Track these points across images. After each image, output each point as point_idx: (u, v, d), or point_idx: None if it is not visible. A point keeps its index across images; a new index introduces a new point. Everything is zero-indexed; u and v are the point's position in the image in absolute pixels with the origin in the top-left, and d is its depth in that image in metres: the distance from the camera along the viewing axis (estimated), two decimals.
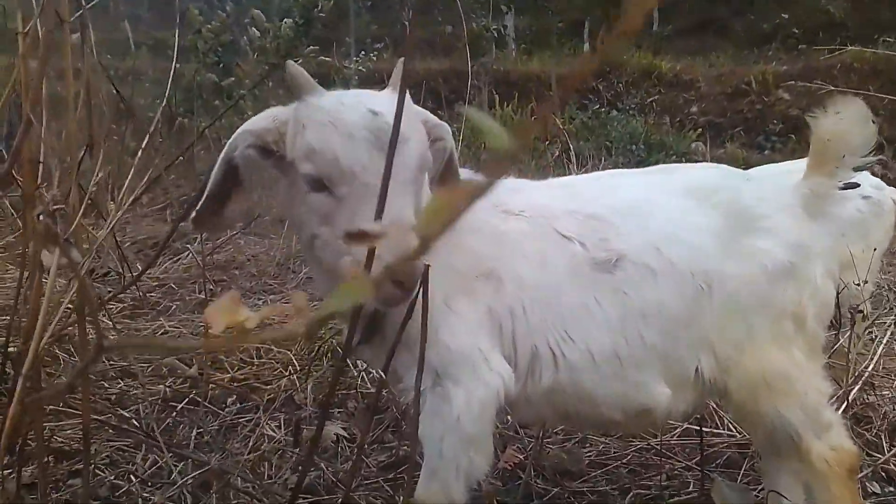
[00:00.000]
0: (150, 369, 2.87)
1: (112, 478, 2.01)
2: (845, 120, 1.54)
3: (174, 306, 3.70)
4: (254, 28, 6.43)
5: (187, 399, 2.53)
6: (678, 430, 2.28)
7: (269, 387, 2.68)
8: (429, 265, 1.29)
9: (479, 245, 1.52)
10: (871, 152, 1.57)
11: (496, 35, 12.35)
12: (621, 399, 1.53)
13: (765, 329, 1.51)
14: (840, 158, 1.57)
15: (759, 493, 1.90)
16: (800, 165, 1.73)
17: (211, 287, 3.92)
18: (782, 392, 1.50)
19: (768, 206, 1.58)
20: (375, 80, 14.58)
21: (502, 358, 1.48)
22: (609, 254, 1.52)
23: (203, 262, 3.89)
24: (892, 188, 3.01)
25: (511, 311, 1.49)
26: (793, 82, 11.07)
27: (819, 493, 1.55)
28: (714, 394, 1.59)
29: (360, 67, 12.43)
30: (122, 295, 3.83)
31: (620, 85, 12.35)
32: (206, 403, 2.50)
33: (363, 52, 12.66)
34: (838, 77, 11.02)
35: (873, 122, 1.54)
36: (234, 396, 2.61)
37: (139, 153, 5.41)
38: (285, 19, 6.32)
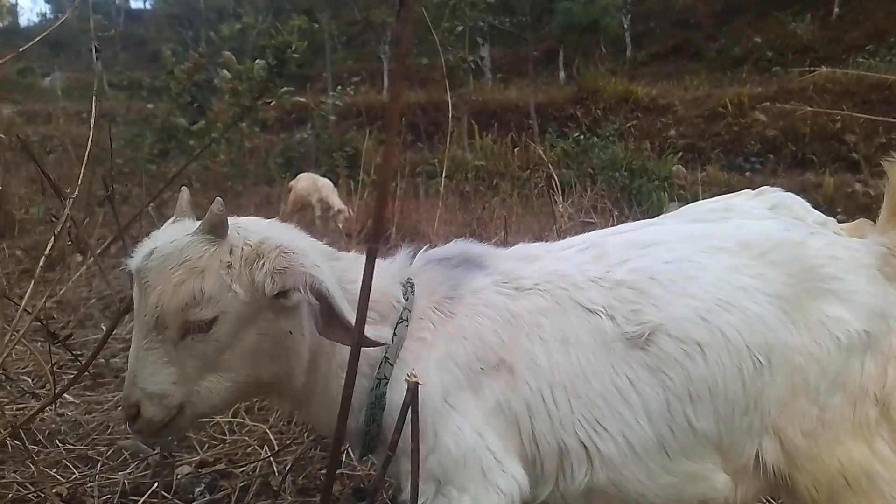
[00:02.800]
0: (109, 453, 2.60)
1: None
2: None
3: None
4: (225, 70, 6.26)
5: (150, 492, 2.25)
6: None
7: (241, 469, 2.41)
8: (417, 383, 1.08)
9: (484, 331, 1.33)
10: None
11: (473, 66, 12.34)
12: (674, 494, 1.30)
13: (841, 414, 1.26)
14: None
15: None
16: (734, 201, 1.49)
17: None
18: (865, 495, 1.25)
19: (840, 266, 1.32)
20: (352, 114, 14.56)
21: (517, 460, 1.29)
22: (641, 328, 1.29)
23: None
24: (832, 220, 2.78)
25: (528, 406, 1.30)
26: (768, 104, 11.16)
27: None
28: (780, 487, 1.33)
29: (336, 102, 12.36)
30: (83, 358, 3.58)
31: (598, 111, 12.38)
32: (172, 498, 2.22)
33: (339, 87, 12.60)
34: (812, 97, 11.14)
35: None
36: (203, 486, 2.33)
37: (105, 200, 5.14)
38: (258, 60, 6.15)
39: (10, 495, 2.16)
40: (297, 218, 6.78)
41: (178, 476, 2.37)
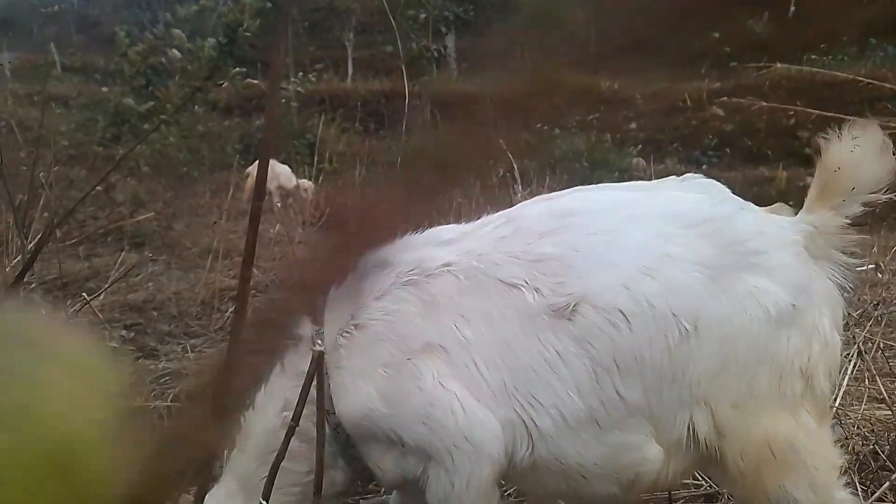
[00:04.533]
0: None
1: None
2: (861, 148, 1.31)
3: None
4: (174, 49, 6.07)
5: None
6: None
7: None
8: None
9: (399, 326, 1.33)
10: (884, 189, 1.34)
11: (436, 55, 12.27)
12: (611, 467, 1.30)
13: (768, 386, 1.26)
14: (849, 192, 1.33)
15: None
16: (663, 185, 1.47)
17: (122, 334, 3.54)
18: (789, 465, 1.25)
19: (768, 241, 1.32)
20: (315, 102, 14.34)
21: (491, 416, 1.28)
22: (567, 299, 1.28)
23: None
24: (750, 205, 2.87)
25: (468, 381, 1.29)
26: (725, 98, 11.39)
27: None
28: (710, 460, 1.33)
29: (297, 88, 12.16)
30: None
31: (561, 104, 12.42)
32: None
33: (301, 73, 12.39)
34: (768, 93, 11.40)
35: (894, 153, 1.35)
36: None
37: (46, 184, 4.97)
38: (208, 39, 5.97)
39: None
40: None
41: None
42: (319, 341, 1.17)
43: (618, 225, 1.35)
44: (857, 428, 2.20)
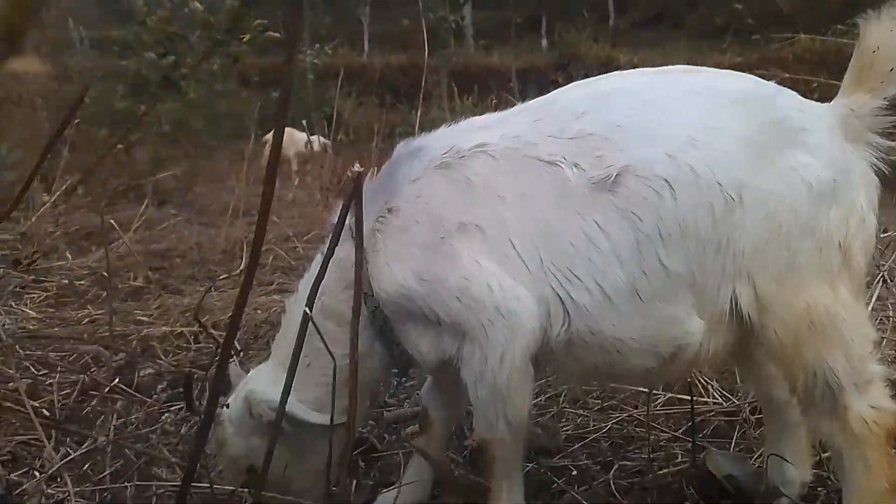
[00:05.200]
0: (71, 358, 2.55)
1: (11, 475, 1.70)
2: None
3: (104, 294, 3.36)
4: (196, 1, 6.08)
5: (109, 388, 2.21)
6: (661, 399, 2.08)
7: (207, 373, 2.38)
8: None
9: (433, 207, 1.35)
10: None
11: (454, 27, 12.17)
12: (650, 340, 1.31)
13: (809, 259, 1.27)
14: (887, 73, 1.30)
15: (752, 462, 1.71)
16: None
17: (147, 274, 3.60)
18: (828, 337, 1.26)
19: (808, 120, 1.31)
20: (331, 75, 14.28)
21: (527, 293, 1.30)
22: (608, 170, 1.28)
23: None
24: None
25: (503, 259, 1.31)
26: (746, 72, 11.21)
27: (852, 460, 1.28)
28: (749, 335, 1.33)
29: (314, 60, 12.14)
30: (48, 283, 3.51)
31: (580, 78, 12.30)
32: (132, 391, 2.19)
33: (318, 46, 12.37)
34: (791, 66, 11.20)
35: None
36: (165, 384, 2.31)
37: (66, 146, 5.02)
38: None
39: None
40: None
41: (141, 375, 2.34)
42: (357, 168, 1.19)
43: (660, 101, 1.34)
44: (882, 353, 2.19)
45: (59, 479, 1.71)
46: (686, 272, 1.28)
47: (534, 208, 1.31)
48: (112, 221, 3.85)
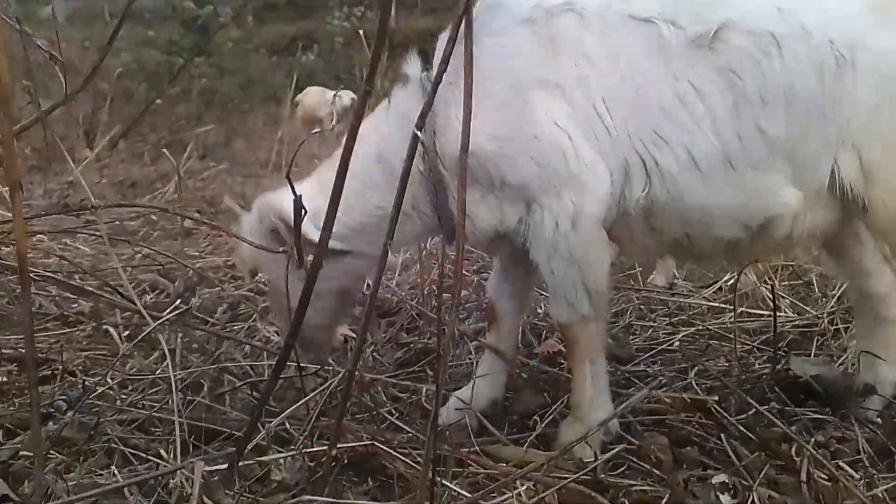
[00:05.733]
0: (132, 285, 2.57)
1: (86, 382, 1.72)
2: None
3: (155, 234, 3.39)
4: None
5: (171, 309, 2.22)
6: (732, 315, 2.01)
7: (263, 296, 2.38)
8: None
9: (514, 62, 1.27)
10: None
11: None
12: (739, 210, 1.23)
13: None
14: None
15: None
16: None
17: (198, 212, 3.62)
18: None
19: None
20: (358, 39, 14.16)
21: (599, 158, 1.24)
22: (708, 26, 1.19)
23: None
24: None
25: (584, 120, 1.24)
26: None
27: None
28: (852, 212, 1.26)
29: (343, 23, 11.98)
30: (100, 224, 3.54)
31: None
32: (195, 312, 2.20)
33: (346, 8, 12.21)
34: None
35: None
36: (226, 306, 2.31)
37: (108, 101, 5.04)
38: None
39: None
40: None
41: (201, 299, 2.35)
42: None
43: None
44: None
45: (129, 388, 1.73)
46: (786, 139, 1.21)
47: (624, 68, 1.24)
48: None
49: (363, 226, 1.35)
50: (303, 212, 1.17)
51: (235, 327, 2.15)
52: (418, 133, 1.07)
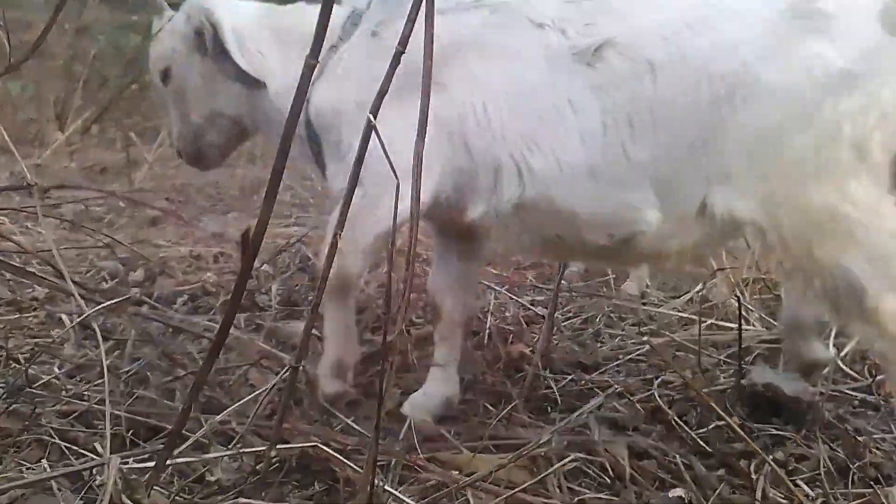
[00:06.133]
0: (88, 274, 2.49)
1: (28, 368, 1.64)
2: None
3: (122, 221, 3.30)
4: None
5: (127, 297, 2.15)
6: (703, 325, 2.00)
7: (226, 289, 2.31)
8: None
9: (412, 47, 1.26)
10: None
11: None
12: (603, 220, 1.27)
13: (809, 154, 1.14)
14: None
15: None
16: None
17: (164, 205, 3.54)
18: (838, 237, 1.15)
19: (840, 6, 1.19)
20: None
21: (437, 172, 1.30)
22: (591, 41, 1.20)
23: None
24: None
25: (460, 118, 1.28)
26: None
27: (893, 362, 1.19)
28: (731, 235, 1.28)
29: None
30: (68, 204, 3.45)
31: None
32: (153, 301, 2.13)
33: None
34: None
35: None
36: (186, 297, 2.25)
37: (81, 84, 4.92)
38: None
39: None
40: None
41: (161, 290, 2.28)
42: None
43: None
44: None
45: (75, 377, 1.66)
46: (651, 163, 1.21)
47: (511, 70, 1.27)
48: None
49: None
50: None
51: (194, 319, 2.09)
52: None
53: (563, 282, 2.34)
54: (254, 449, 1.06)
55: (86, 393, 1.54)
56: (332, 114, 1.39)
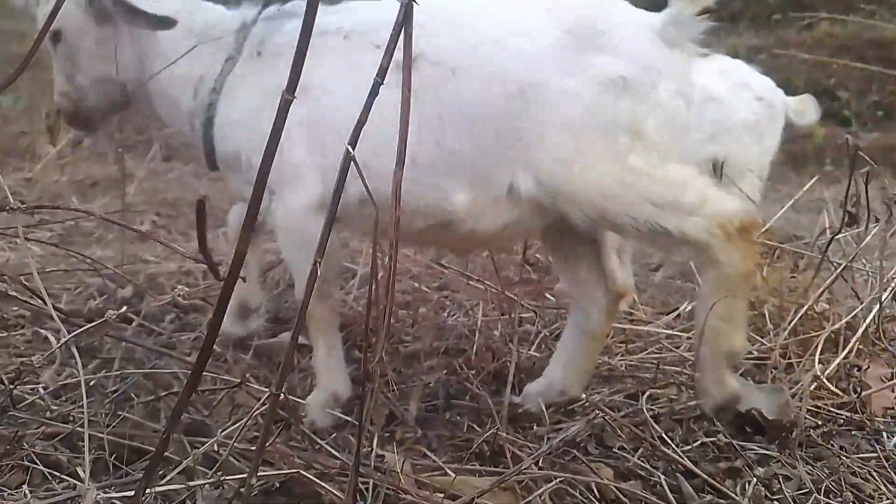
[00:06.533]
0: (75, 291, 2.48)
1: (13, 389, 1.63)
2: None
3: (111, 236, 3.29)
4: None
5: (116, 316, 2.14)
6: (685, 345, 2.01)
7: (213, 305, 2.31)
8: None
9: (282, 65, 1.52)
10: None
11: None
12: (422, 203, 1.49)
13: (595, 145, 1.43)
14: None
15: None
16: None
17: (154, 219, 3.53)
18: (622, 197, 1.43)
19: (618, 25, 1.47)
20: None
21: (316, 172, 1.54)
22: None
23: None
24: (780, 91, 2.86)
25: (320, 121, 1.52)
26: (764, 56, 11.02)
27: (707, 271, 1.48)
28: (543, 213, 1.50)
29: None
30: (55, 223, 3.44)
31: None
32: (140, 319, 2.12)
33: None
34: (810, 51, 11.00)
35: None
36: (174, 314, 2.24)
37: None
38: None
39: None
40: None
41: (149, 306, 2.27)
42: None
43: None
44: None
45: (60, 397, 1.65)
46: (460, 152, 1.45)
47: (353, 82, 1.45)
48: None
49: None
50: None
51: (182, 337, 2.08)
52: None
53: (551, 297, 2.37)
54: (236, 476, 1.06)
55: (71, 414, 1.53)
56: (229, 129, 1.63)
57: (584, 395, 1.67)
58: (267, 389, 1.52)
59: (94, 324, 1.34)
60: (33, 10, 1.81)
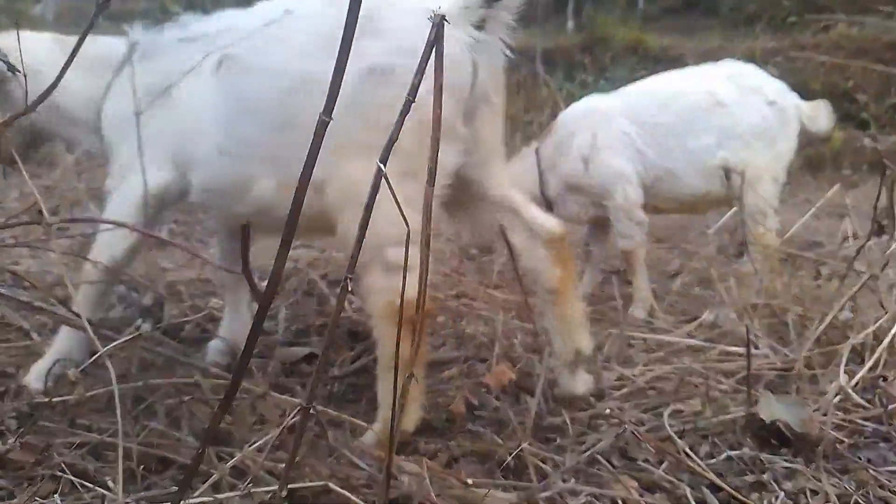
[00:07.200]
0: None
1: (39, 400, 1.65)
2: None
3: None
4: None
5: (135, 326, 2.16)
6: (711, 353, 1.99)
7: None
8: None
9: (150, 76, 1.74)
10: None
11: None
12: (242, 192, 1.62)
13: (355, 136, 1.41)
14: None
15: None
16: None
17: (171, 227, 3.56)
18: (356, 206, 1.31)
19: (384, 10, 1.46)
20: None
21: (164, 164, 1.72)
22: (218, 56, 1.66)
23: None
24: (794, 94, 2.82)
25: (167, 121, 1.70)
26: (780, 59, 10.92)
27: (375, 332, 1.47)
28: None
29: None
30: (72, 233, 3.47)
31: (607, 60, 12.08)
32: (160, 336, 2.14)
33: None
34: (827, 54, 10.91)
35: None
36: (193, 324, 2.26)
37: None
38: None
39: None
40: None
41: (168, 317, 2.29)
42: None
43: (293, 4, 1.64)
44: None
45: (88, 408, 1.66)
46: (260, 142, 1.57)
47: (192, 85, 1.69)
48: None
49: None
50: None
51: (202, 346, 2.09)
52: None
53: None
54: (265, 489, 1.07)
55: (97, 425, 1.55)
56: (107, 123, 1.82)
57: (608, 409, 1.66)
58: (291, 399, 1.53)
59: (129, 337, 1.36)
60: None
